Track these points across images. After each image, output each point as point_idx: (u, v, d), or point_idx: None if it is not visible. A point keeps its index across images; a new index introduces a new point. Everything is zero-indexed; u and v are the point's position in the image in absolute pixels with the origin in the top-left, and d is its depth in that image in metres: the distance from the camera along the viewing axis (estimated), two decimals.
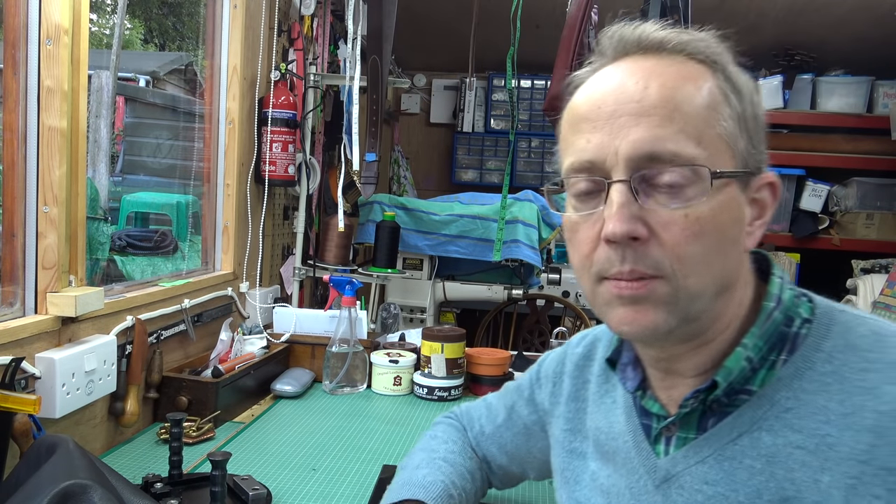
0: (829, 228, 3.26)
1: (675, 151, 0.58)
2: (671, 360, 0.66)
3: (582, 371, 0.83)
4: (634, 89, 0.60)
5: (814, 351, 0.61)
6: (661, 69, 0.61)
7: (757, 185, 0.63)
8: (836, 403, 0.58)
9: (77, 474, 0.78)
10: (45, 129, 1.15)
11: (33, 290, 1.17)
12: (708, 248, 0.59)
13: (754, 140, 0.62)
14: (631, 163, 0.59)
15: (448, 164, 4.07)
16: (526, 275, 2.73)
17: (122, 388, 1.32)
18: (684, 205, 0.58)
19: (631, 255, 0.59)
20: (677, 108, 0.58)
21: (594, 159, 0.60)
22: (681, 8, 1.92)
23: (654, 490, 0.67)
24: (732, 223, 0.61)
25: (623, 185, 0.59)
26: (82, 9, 1.20)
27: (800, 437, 0.59)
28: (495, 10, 2.38)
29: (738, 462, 0.61)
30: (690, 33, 0.63)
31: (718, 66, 0.62)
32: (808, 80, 3.25)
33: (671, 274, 0.58)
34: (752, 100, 0.63)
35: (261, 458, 1.28)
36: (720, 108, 0.60)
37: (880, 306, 2.45)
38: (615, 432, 0.74)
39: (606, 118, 0.60)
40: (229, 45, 1.86)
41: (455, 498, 0.86)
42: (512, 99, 2.58)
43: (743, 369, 0.62)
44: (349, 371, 1.71)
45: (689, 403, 0.64)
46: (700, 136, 0.59)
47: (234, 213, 1.88)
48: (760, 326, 0.63)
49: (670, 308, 0.59)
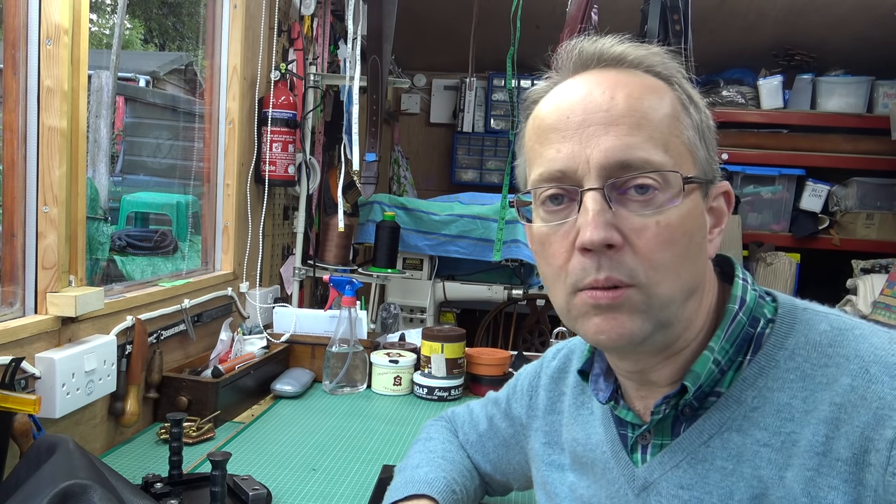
0: (829, 228, 3.25)
1: (645, 158, 0.59)
2: (645, 372, 0.67)
3: (557, 384, 0.84)
4: (602, 99, 0.61)
5: (777, 349, 0.62)
6: (624, 80, 0.62)
7: (714, 193, 0.65)
8: (799, 401, 0.59)
9: (77, 474, 0.78)
10: (45, 129, 1.15)
11: (33, 290, 1.17)
12: (678, 255, 0.60)
13: (710, 150, 0.65)
14: (603, 171, 0.59)
15: (448, 164, 4.07)
16: (526, 275, 2.73)
17: (122, 388, 1.32)
18: (656, 211, 0.59)
19: (606, 263, 0.59)
20: (644, 117, 0.60)
21: (565, 168, 0.61)
22: (681, 8, 1.92)
23: (635, 499, 0.68)
24: (698, 230, 0.62)
25: (597, 193, 0.59)
26: (82, 9, 1.20)
27: (766, 435, 0.60)
28: (495, 10, 2.38)
29: (710, 464, 0.62)
30: (646, 48, 0.65)
31: (674, 80, 0.65)
32: (808, 80, 3.25)
33: (644, 282, 0.59)
34: (706, 111, 0.66)
35: (261, 458, 1.28)
36: (682, 118, 0.62)
37: (880, 306, 2.45)
38: (593, 443, 0.74)
39: (576, 128, 0.61)
40: (229, 45, 1.86)
41: (458, 493, 0.86)
42: (512, 99, 2.58)
43: (711, 372, 0.63)
44: (349, 371, 1.71)
45: (661, 409, 0.65)
46: (667, 144, 0.60)
47: (234, 213, 1.88)
48: (724, 329, 0.64)
49: (644, 315, 0.60)
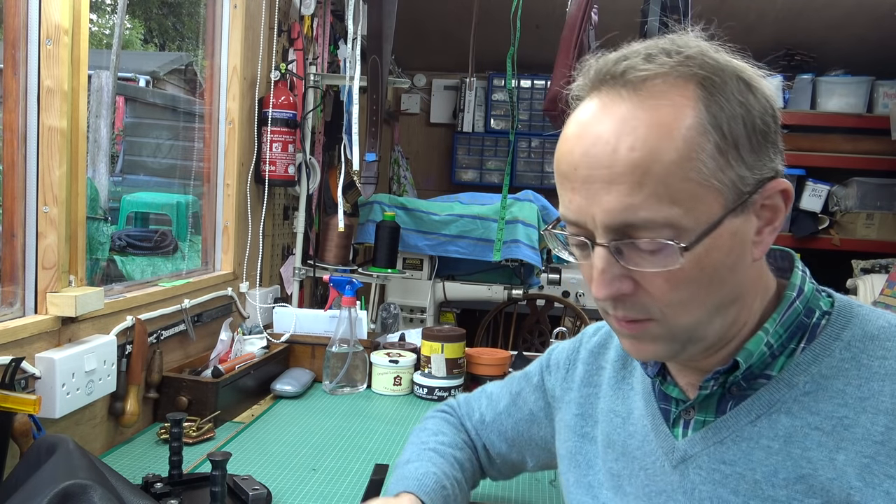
0: (829, 228, 3.25)
1: (647, 218, 0.58)
2: (691, 361, 0.68)
3: (597, 358, 0.85)
4: (604, 153, 0.58)
5: (833, 340, 0.63)
6: (633, 119, 0.58)
7: (766, 193, 0.61)
8: (853, 388, 0.60)
9: (77, 474, 0.78)
10: (45, 129, 1.15)
11: (33, 290, 1.17)
12: (696, 290, 0.60)
13: (753, 154, 0.59)
14: (607, 230, 0.60)
15: (448, 164, 4.07)
16: (526, 275, 2.73)
17: (122, 388, 1.32)
18: (665, 262, 0.59)
19: (621, 306, 0.62)
20: (647, 173, 0.57)
21: (577, 221, 0.63)
22: (681, 8, 1.92)
23: (672, 470, 0.69)
24: (726, 255, 0.60)
25: (603, 250, 0.61)
26: (82, 9, 1.20)
27: (817, 419, 0.61)
28: (495, 11, 2.38)
29: (756, 442, 0.63)
30: (680, 54, 0.60)
31: (707, 81, 0.59)
32: (808, 80, 3.25)
33: (661, 317, 0.61)
34: (755, 106, 0.60)
35: (261, 458, 1.28)
36: (695, 151, 0.57)
37: (880, 306, 2.45)
38: (634, 416, 0.75)
39: (582, 182, 0.60)
40: (229, 45, 1.86)
41: (448, 488, 0.87)
42: (512, 99, 2.58)
43: (763, 354, 0.64)
44: (349, 371, 1.71)
45: (710, 385, 0.66)
46: (674, 195, 0.57)
47: (234, 213, 1.88)
48: (781, 314, 0.65)
49: (668, 341, 0.63)
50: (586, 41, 2.03)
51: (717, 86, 0.59)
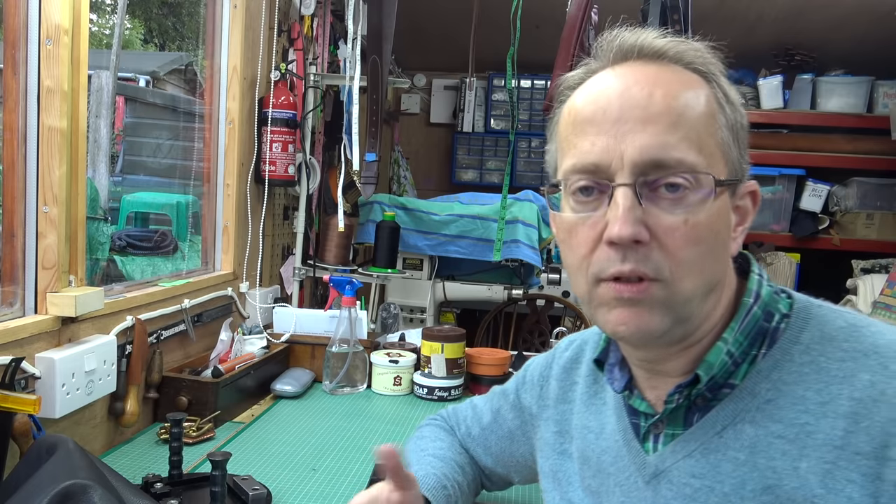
0: (829, 228, 3.25)
1: (679, 159, 0.59)
2: (658, 362, 0.68)
3: (569, 373, 0.84)
4: (640, 95, 0.61)
5: (792, 343, 0.63)
6: (663, 77, 0.62)
7: (742, 192, 0.66)
8: (813, 392, 0.60)
9: (77, 474, 0.78)
10: (45, 129, 1.15)
11: (33, 290, 1.17)
12: (703, 253, 0.60)
13: (742, 149, 0.65)
14: (636, 168, 0.60)
15: (448, 164, 4.07)
16: (526, 275, 2.73)
17: (122, 388, 1.32)
18: (686, 210, 0.59)
19: (632, 256, 0.60)
20: (682, 116, 0.60)
21: (599, 162, 0.61)
22: (681, 8, 1.92)
23: (645, 486, 0.68)
24: (724, 228, 0.63)
25: (628, 189, 0.60)
26: (82, 9, 1.20)
27: (780, 427, 0.60)
28: (495, 11, 2.38)
29: (723, 454, 0.62)
30: (687, 43, 0.65)
31: (712, 77, 0.64)
32: (808, 80, 3.24)
33: (668, 278, 0.60)
34: (740, 110, 0.65)
35: (261, 458, 1.28)
36: (717, 117, 0.62)
37: (880, 306, 2.45)
38: (606, 432, 0.75)
39: (612, 122, 0.61)
40: (229, 45, 1.86)
41: (448, 489, 0.87)
42: (512, 99, 2.58)
43: (724, 363, 0.63)
44: (349, 371, 1.71)
45: (674, 399, 0.65)
46: (701, 145, 0.60)
47: (234, 213, 1.88)
48: (739, 321, 0.64)
49: (665, 310, 0.61)
50: (586, 41, 2.03)
51: (713, 80, 0.64)
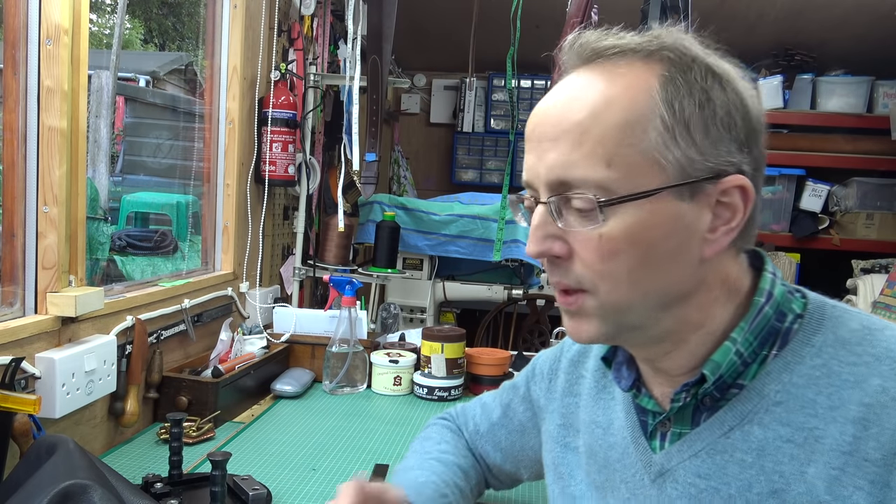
0: (829, 228, 3.25)
1: (582, 176, 0.60)
2: (653, 360, 0.68)
3: (577, 367, 0.84)
4: (556, 113, 0.62)
5: (804, 345, 0.62)
6: (588, 85, 0.62)
7: (720, 189, 0.60)
8: (824, 397, 0.59)
9: (77, 474, 0.78)
10: (45, 129, 1.15)
11: (33, 290, 1.17)
12: (630, 266, 0.60)
13: (707, 140, 0.59)
14: (548, 186, 0.62)
15: (448, 164, 4.07)
16: (526, 275, 2.74)
17: (122, 388, 1.32)
18: (597, 225, 0.60)
19: (556, 271, 0.63)
20: (586, 132, 0.59)
21: (529, 180, 0.65)
22: (681, 8, 1.92)
23: (650, 484, 0.68)
24: (665, 238, 0.59)
25: (543, 207, 0.63)
26: (82, 9, 1.20)
27: (788, 431, 0.60)
28: (495, 11, 2.37)
29: (730, 455, 0.62)
30: (645, 34, 0.63)
31: (669, 62, 0.60)
32: (808, 80, 3.24)
33: (593, 289, 0.61)
34: (709, 97, 0.60)
35: (261, 458, 1.28)
36: (640, 121, 0.59)
37: (880, 306, 2.45)
38: (614, 428, 0.74)
39: (536, 140, 0.63)
40: (229, 45, 1.86)
41: (448, 496, 0.86)
42: (512, 99, 2.58)
43: (732, 363, 0.62)
44: (349, 371, 1.71)
45: (681, 398, 0.65)
46: (610, 158, 0.59)
47: (234, 213, 1.88)
48: (749, 321, 0.63)
49: (601, 320, 0.63)
50: None
51: (680, 68, 0.60)
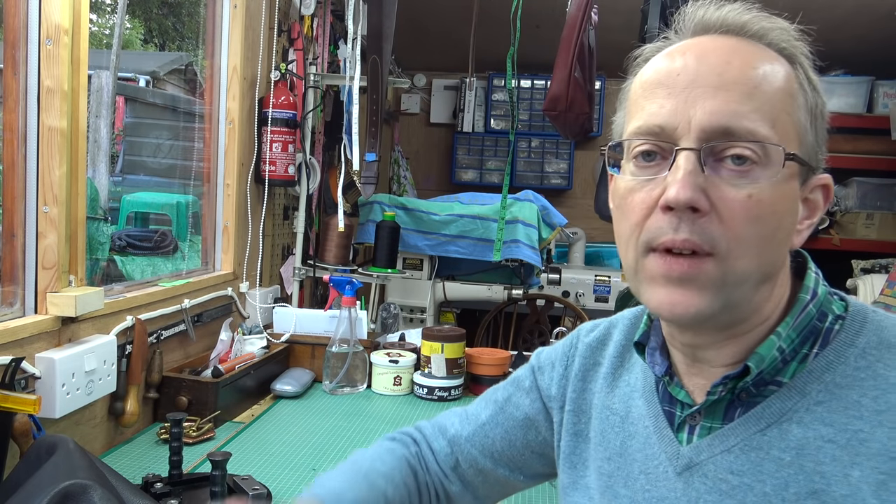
0: (829, 228, 3.25)
1: (750, 129, 0.57)
2: (702, 348, 0.65)
3: (594, 353, 0.80)
4: (716, 62, 0.59)
5: (847, 346, 0.61)
6: (743, 48, 0.61)
7: (813, 184, 0.63)
8: (869, 399, 0.57)
9: (77, 474, 0.78)
10: (45, 129, 1.15)
11: (33, 290, 1.17)
12: (763, 234, 0.58)
13: (819, 138, 0.63)
14: (703, 133, 0.58)
15: (448, 164, 4.07)
16: (526, 275, 2.73)
17: (122, 388, 1.32)
18: (751, 185, 0.57)
19: (687, 225, 0.57)
20: (757, 87, 0.58)
21: (665, 124, 0.59)
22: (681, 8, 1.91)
23: (676, 477, 0.65)
24: (788, 214, 0.60)
25: (692, 153, 0.57)
26: (82, 9, 1.20)
27: (831, 431, 0.58)
28: (495, 11, 2.38)
29: (766, 453, 0.60)
30: (772, 20, 0.63)
31: (796, 59, 0.62)
32: None
33: (724, 253, 0.57)
34: (822, 98, 0.63)
35: (261, 458, 1.28)
36: (796, 97, 0.60)
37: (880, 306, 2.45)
38: (633, 416, 0.72)
39: (684, 86, 0.59)
40: (229, 45, 1.86)
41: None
42: (512, 99, 2.58)
43: (774, 359, 0.61)
44: (349, 371, 1.71)
45: (718, 390, 0.63)
46: (775, 120, 0.58)
47: (234, 213, 1.88)
48: (794, 317, 0.62)
49: (715, 291, 0.58)
50: (586, 41, 2.03)
51: (797, 62, 0.62)
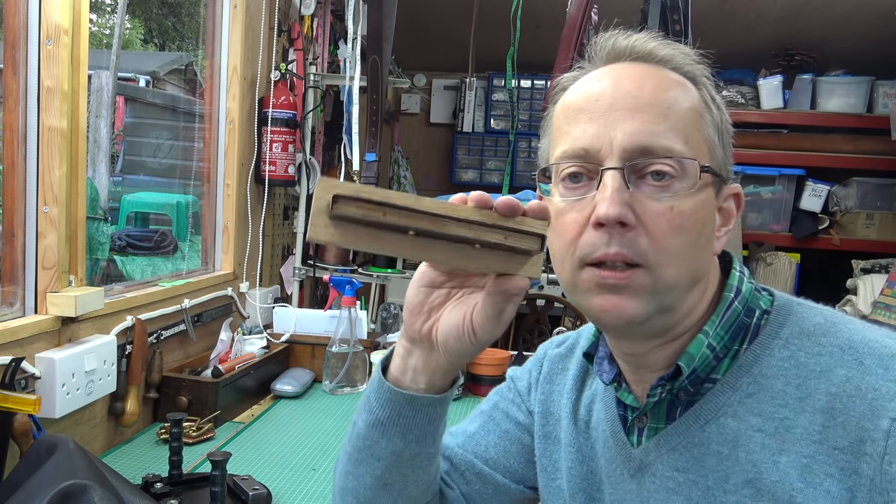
0: (829, 228, 3.25)
1: (666, 146, 0.61)
2: (640, 356, 0.68)
3: (562, 360, 0.85)
4: (630, 87, 0.64)
5: (772, 339, 0.64)
6: (652, 73, 0.66)
7: (726, 193, 0.68)
8: (792, 388, 0.61)
9: (77, 474, 0.78)
10: (45, 129, 1.15)
11: (33, 290, 1.17)
12: (687, 242, 0.62)
13: (727, 150, 0.67)
14: (625, 153, 0.61)
15: (448, 164, 4.07)
16: None
17: (122, 388, 1.32)
18: (671, 196, 0.61)
19: (618, 239, 0.61)
20: (669, 108, 0.63)
21: (589, 147, 0.63)
22: (681, 8, 1.92)
23: (630, 479, 0.69)
24: (708, 221, 0.64)
25: (617, 172, 0.61)
26: (82, 9, 1.20)
27: (760, 421, 0.61)
28: (495, 11, 2.38)
29: (706, 448, 0.63)
30: (675, 47, 0.68)
31: (699, 80, 0.67)
32: (808, 80, 3.24)
33: (653, 263, 0.61)
34: (725, 114, 0.68)
35: (261, 458, 1.28)
36: (704, 115, 0.65)
37: (880, 306, 2.46)
38: (594, 422, 0.75)
39: (603, 110, 0.63)
40: (229, 45, 1.86)
41: None
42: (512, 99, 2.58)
43: (705, 356, 0.64)
44: (349, 371, 1.71)
45: (657, 392, 0.66)
46: (688, 137, 0.63)
47: (234, 213, 1.88)
48: (720, 315, 0.65)
49: (648, 298, 0.62)
50: (586, 41, 2.03)
51: (701, 83, 0.67)
